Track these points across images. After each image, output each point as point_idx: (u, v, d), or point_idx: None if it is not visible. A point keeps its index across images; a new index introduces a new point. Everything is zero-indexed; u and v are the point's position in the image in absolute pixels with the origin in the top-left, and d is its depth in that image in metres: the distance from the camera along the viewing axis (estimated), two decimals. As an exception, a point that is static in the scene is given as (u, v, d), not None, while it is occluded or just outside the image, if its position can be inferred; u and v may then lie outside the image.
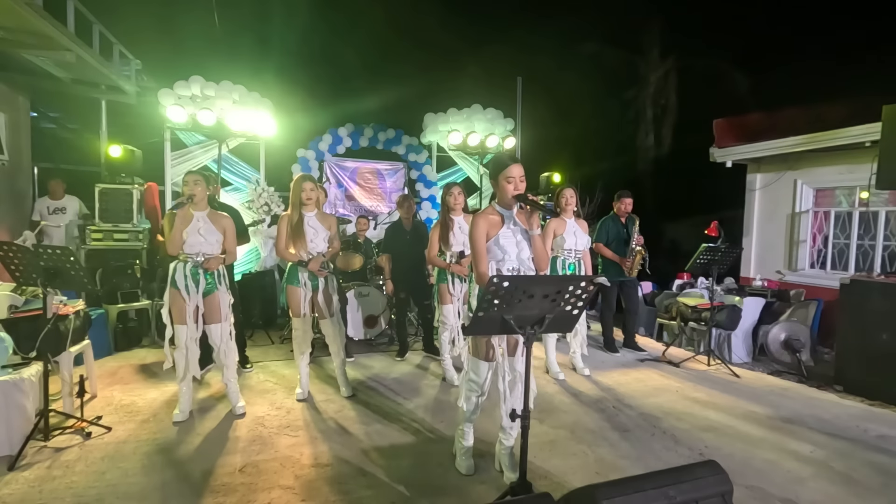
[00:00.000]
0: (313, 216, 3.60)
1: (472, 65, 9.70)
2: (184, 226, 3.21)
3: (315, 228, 3.58)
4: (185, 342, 3.25)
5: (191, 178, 3.29)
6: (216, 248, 3.31)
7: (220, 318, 3.33)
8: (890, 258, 5.77)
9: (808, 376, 4.55)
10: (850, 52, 8.01)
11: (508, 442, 2.70)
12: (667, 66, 15.09)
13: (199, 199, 3.27)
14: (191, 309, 3.23)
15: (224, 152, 6.59)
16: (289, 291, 3.62)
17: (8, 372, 2.85)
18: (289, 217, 3.56)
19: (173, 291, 3.23)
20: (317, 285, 3.62)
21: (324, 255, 3.61)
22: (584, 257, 4.37)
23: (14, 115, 5.75)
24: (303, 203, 3.55)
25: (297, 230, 3.52)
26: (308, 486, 2.55)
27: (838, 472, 2.81)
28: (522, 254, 2.53)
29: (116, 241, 5.65)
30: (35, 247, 3.01)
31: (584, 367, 4.50)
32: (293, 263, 3.61)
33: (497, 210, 2.56)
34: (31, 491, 2.44)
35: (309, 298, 3.62)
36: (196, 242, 3.23)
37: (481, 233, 2.49)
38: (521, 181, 2.49)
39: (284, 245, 3.54)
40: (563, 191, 4.34)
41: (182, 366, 3.28)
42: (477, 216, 2.55)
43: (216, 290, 3.32)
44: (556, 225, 4.26)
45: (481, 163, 8.05)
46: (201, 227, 3.25)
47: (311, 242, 3.55)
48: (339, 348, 3.79)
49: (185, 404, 3.34)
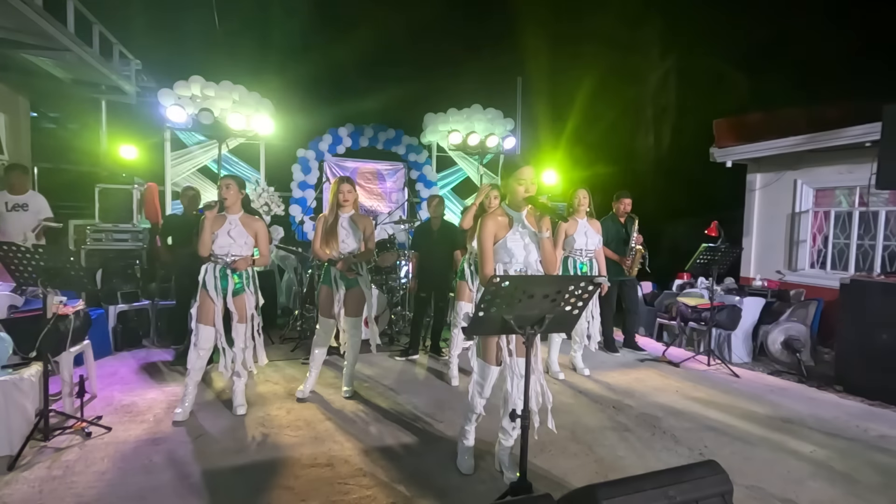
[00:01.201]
0: (348, 217, 3.66)
1: (472, 65, 9.68)
2: (215, 228, 3.29)
3: (347, 229, 3.63)
4: (205, 343, 3.30)
5: (223, 181, 3.38)
6: (245, 250, 3.37)
7: (246, 318, 3.40)
8: (890, 258, 5.77)
9: (808, 376, 4.55)
10: (850, 52, 8.01)
11: (507, 442, 2.70)
12: (667, 66, 15.09)
13: (231, 203, 3.34)
14: (218, 310, 3.30)
15: (224, 152, 6.59)
16: (322, 290, 3.68)
17: (8, 372, 2.85)
18: (325, 217, 3.66)
19: (202, 292, 3.30)
20: (348, 284, 3.65)
21: (354, 255, 3.63)
22: (598, 256, 4.41)
23: (14, 115, 5.75)
24: (340, 204, 3.61)
25: (331, 230, 3.60)
26: (308, 486, 2.55)
27: (838, 472, 2.81)
28: (530, 257, 2.53)
29: (116, 241, 5.65)
30: (35, 247, 3.01)
31: (584, 368, 4.50)
32: (326, 263, 3.67)
33: (506, 212, 2.57)
34: (31, 491, 2.44)
35: (340, 298, 3.66)
36: (226, 244, 3.30)
37: (489, 234, 2.51)
38: (532, 184, 2.51)
39: (319, 244, 3.62)
40: (576, 191, 4.37)
41: (197, 366, 3.31)
42: (486, 217, 2.55)
43: (244, 291, 3.38)
44: (568, 225, 4.29)
45: (481, 163, 8.05)
46: (232, 229, 3.32)
47: (343, 243, 3.61)
48: (355, 349, 3.82)
49: (189, 403, 3.36)
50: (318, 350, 3.75)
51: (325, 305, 3.68)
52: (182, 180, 6.52)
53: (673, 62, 14.75)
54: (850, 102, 5.45)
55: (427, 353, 5.05)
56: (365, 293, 3.72)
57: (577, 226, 4.30)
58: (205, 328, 3.28)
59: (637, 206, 5.20)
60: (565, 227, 4.28)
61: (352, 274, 3.64)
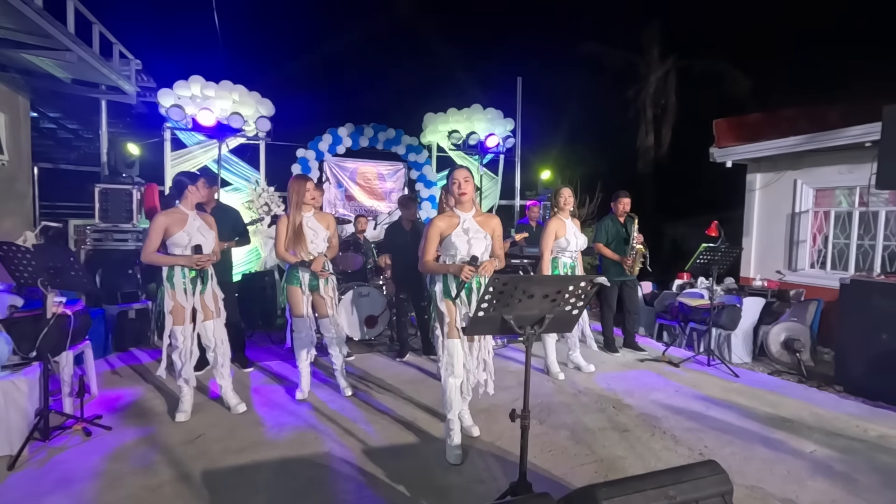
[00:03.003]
0: (311, 216, 3.59)
1: (472, 65, 9.71)
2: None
3: (314, 229, 3.57)
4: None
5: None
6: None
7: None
8: (890, 258, 5.77)
9: (808, 376, 4.55)
10: (850, 52, 8.01)
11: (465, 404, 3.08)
12: (667, 66, 15.09)
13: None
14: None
15: (224, 152, 6.59)
16: (289, 292, 3.61)
17: (8, 372, 2.85)
18: (289, 219, 3.54)
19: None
20: (316, 285, 3.62)
21: (325, 255, 3.61)
22: (577, 257, 4.39)
23: (14, 115, 5.75)
24: (304, 203, 3.55)
25: (297, 232, 3.50)
26: (308, 486, 2.55)
27: (838, 472, 2.81)
28: (473, 251, 2.82)
29: (116, 241, 5.65)
30: (35, 247, 3.01)
31: (588, 365, 4.50)
32: (292, 265, 3.60)
33: (456, 213, 2.91)
34: (31, 491, 2.44)
35: (310, 299, 3.63)
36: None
37: (435, 230, 2.87)
38: (466, 182, 2.84)
39: (283, 247, 3.52)
40: (560, 190, 4.33)
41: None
42: (437, 216, 2.96)
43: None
44: (558, 226, 4.25)
45: (481, 163, 8.05)
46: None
47: (312, 243, 3.54)
48: (339, 348, 3.80)
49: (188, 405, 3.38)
50: (302, 351, 3.70)
51: (295, 306, 3.61)
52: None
53: (673, 62, 14.76)
54: (850, 102, 5.45)
55: (425, 354, 5.05)
56: (333, 294, 3.71)
57: (566, 227, 4.24)
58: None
59: (637, 205, 5.20)
60: (555, 229, 4.22)
61: (325, 274, 3.61)
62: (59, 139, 9.00)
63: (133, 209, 5.78)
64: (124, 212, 5.74)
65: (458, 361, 2.84)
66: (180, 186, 3.25)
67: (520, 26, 12.54)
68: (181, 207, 3.26)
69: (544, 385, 4.15)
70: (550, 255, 4.26)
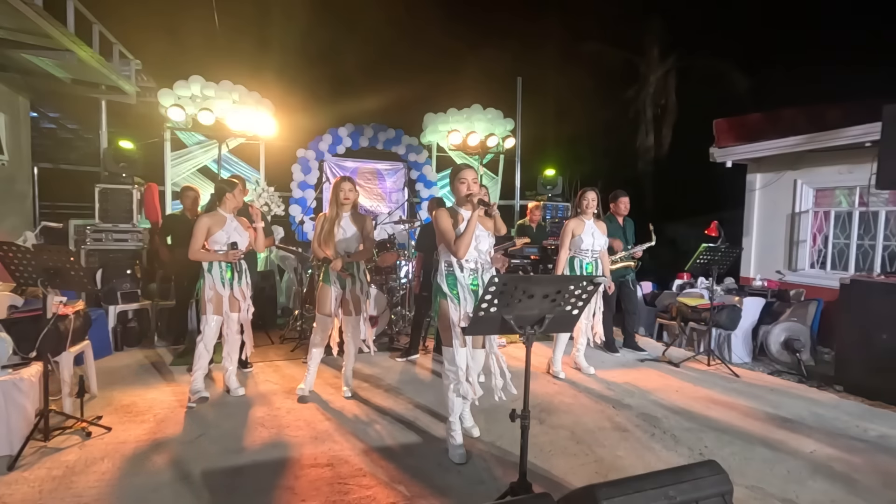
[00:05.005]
0: (347, 216, 3.68)
1: (472, 65, 9.71)
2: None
3: (345, 228, 3.65)
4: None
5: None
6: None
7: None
8: (890, 258, 5.77)
9: (808, 376, 4.55)
10: (851, 52, 8.02)
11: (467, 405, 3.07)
12: (667, 66, 15.09)
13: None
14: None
15: (224, 152, 6.59)
16: (321, 289, 3.70)
17: (8, 372, 2.85)
18: (325, 216, 3.70)
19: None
20: (345, 284, 3.67)
21: (349, 255, 3.65)
22: (602, 257, 4.38)
23: (14, 115, 5.75)
24: (341, 203, 3.63)
25: (330, 229, 3.65)
26: (308, 486, 2.55)
27: (838, 472, 2.81)
28: (480, 246, 2.87)
29: (116, 241, 5.65)
30: (35, 247, 3.01)
31: (588, 367, 4.50)
32: (321, 260, 3.72)
33: (457, 210, 2.92)
34: (31, 491, 2.44)
35: (339, 297, 3.67)
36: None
37: (447, 222, 2.88)
38: (474, 183, 2.88)
39: (316, 242, 3.66)
40: (585, 193, 4.32)
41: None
42: (440, 210, 2.98)
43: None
44: (575, 225, 4.25)
45: (481, 163, 8.05)
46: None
47: (341, 242, 3.64)
48: (355, 349, 3.82)
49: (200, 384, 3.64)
50: (315, 349, 3.75)
51: (322, 303, 3.68)
52: (182, 180, 6.51)
53: (673, 62, 14.76)
54: (850, 102, 5.45)
55: (426, 352, 5.05)
56: (360, 295, 3.72)
57: (584, 226, 4.26)
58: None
59: (637, 205, 5.19)
60: (572, 227, 4.25)
61: (345, 275, 3.64)
62: (59, 139, 9.01)
63: (133, 209, 5.78)
64: (124, 212, 5.74)
65: (459, 368, 2.83)
66: (220, 193, 3.65)
67: (520, 26, 12.56)
68: (220, 211, 3.62)
69: (544, 385, 4.15)
70: (567, 255, 4.28)
